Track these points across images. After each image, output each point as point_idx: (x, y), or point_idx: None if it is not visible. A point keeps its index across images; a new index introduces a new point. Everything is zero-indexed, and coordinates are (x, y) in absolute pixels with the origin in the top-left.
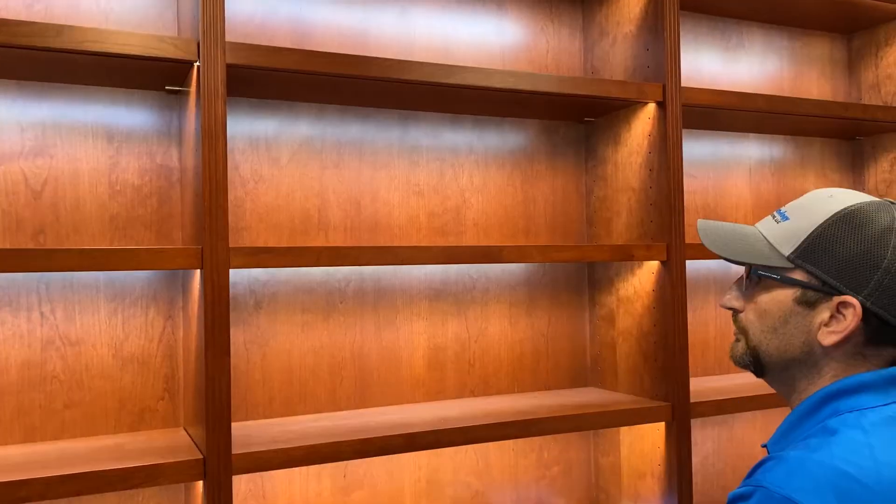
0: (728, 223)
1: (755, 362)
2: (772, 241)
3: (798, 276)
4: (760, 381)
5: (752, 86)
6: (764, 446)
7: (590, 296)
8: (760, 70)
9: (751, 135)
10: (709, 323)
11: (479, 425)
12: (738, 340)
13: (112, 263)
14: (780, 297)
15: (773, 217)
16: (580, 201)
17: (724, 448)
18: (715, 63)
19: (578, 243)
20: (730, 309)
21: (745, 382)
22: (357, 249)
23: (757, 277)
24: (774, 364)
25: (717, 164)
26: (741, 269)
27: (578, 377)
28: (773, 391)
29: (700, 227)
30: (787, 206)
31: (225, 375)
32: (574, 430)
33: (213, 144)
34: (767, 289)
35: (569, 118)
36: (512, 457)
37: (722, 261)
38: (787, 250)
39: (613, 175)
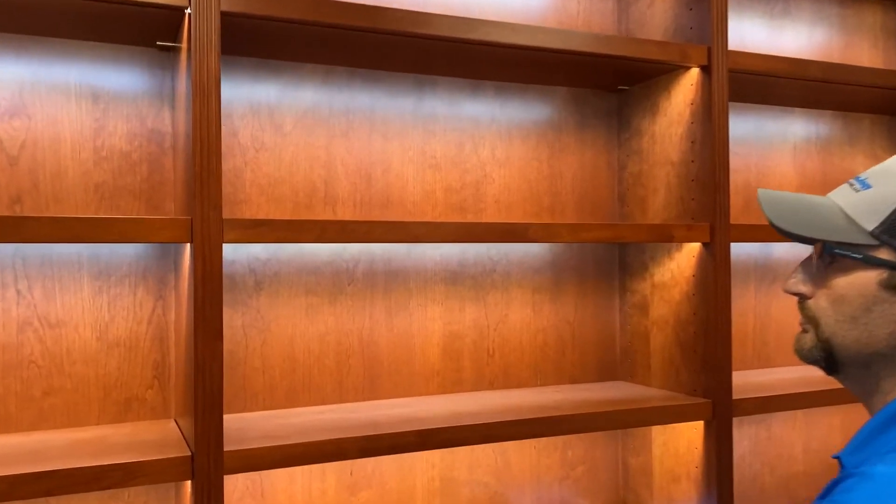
0: (794, 193)
1: (827, 357)
2: (851, 213)
3: (884, 254)
4: (806, 376)
5: (799, 56)
6: (836, 458)
7: (620, 281)
8: (807, 39)
9: (796, 109)
10: (748, 312)
11: (499, 422)
12: (805, 331)
13: (87, 234)
14: (862, 281)
15: (851, 185)
16: (611, 177)
17: (762, 448)
18: (759, 31)
19: (612, 222)
20: (795, 294)
21: (789, 378)
22: (366, 224)
23: (831, 257)
24: (852, 360)
25: (760, 140)
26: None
27: (606, 370)
28: (827, 387)
29: (762, 197)
30: (866, 172)
31: (217, 362)
32: (605, 428)
33: (206, 101)
34: (845, 270)
35: (600, 86)
36: (533, 455)
37: (763, 244)
38: (870, 224)
39: (650, 148)
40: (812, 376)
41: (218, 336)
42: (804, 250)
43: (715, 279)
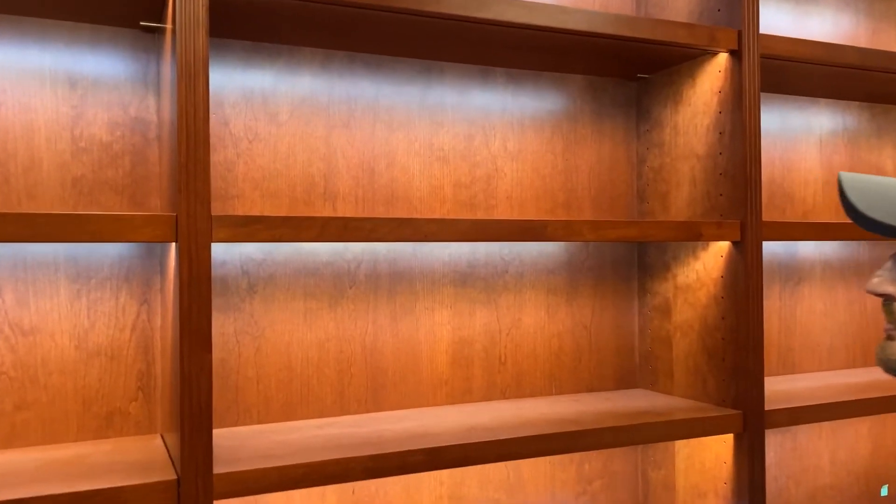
0: (881, 177)
1: None
2: None
3: None
4: (835, 383)
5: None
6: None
7: (639, 282)
8: (833, 26)
9: (821, 100)
10: (772, 315)
11: (515, 439)
12: (892, 338)
13: (55, 233)
14: None
15: None
16: (630, 171)
17: (787, 460)
18: (783, 18)
19: (630, 219)
20: (881, 296)
21: (817, 386)
22: (371, 221)
23: None
24: None
25: (785, 133)
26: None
27: (625, 377)
28: (861, 396)
29: (846, 183)
30: None
31: (205, 375)
32: (631, 443)
33: (192, 85)
34: None
35: (618, 74)
36: (548, 469)
37: (788, 242)
38: None
39: (672, 140)
40: (841, 383)
41: (206, 347)
42: (831, 249)
43: (746, 281)
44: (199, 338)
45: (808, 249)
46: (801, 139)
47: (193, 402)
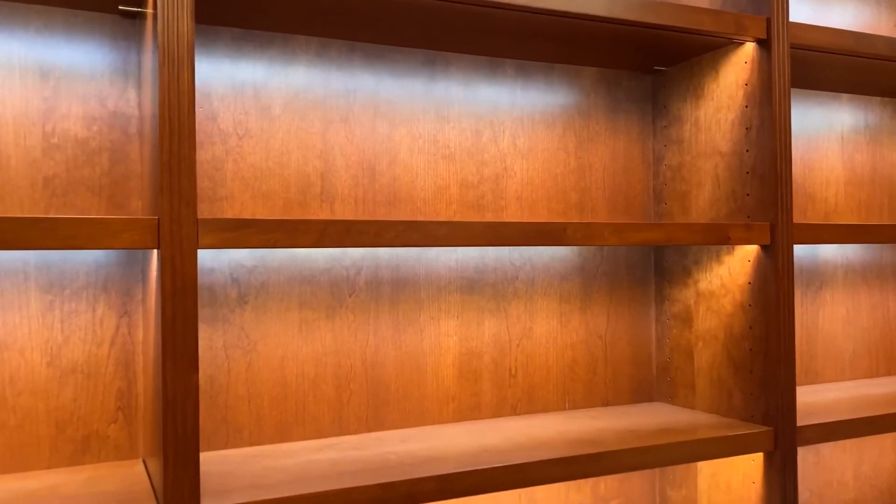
0: None
1: None
2: None
3: None
4: (860, 394)
5: None
6: None
7: (657, 288)
8: (854, 17)
9: (843, 95)
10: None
11: (532, 463)
12: None
13: (20, 240)
14: None
15: None
16: (646, 170)
17: (810, 474)
18: (802, 8)
19: (647, 221)
20: None
21: (844, 397)
22: (375, 224)
23: None
24: None
25: (805, 129)
26: None
27: (641, 390)
28: (890, 410)
29: None
30: None
31: (191, 399)
32: (656, 465)
33: (176, 73)
34: None
35: (633, 67)
36: (562, 489)
37: (808, 245)
38: None
39: (693, 137)
40: (868, 395)
41: (192, 366)
42: (853, 251)
43: (776, 287)
44: (184, 356)
45: (829, 253)
46: (822, 136)
47: (178, 429)
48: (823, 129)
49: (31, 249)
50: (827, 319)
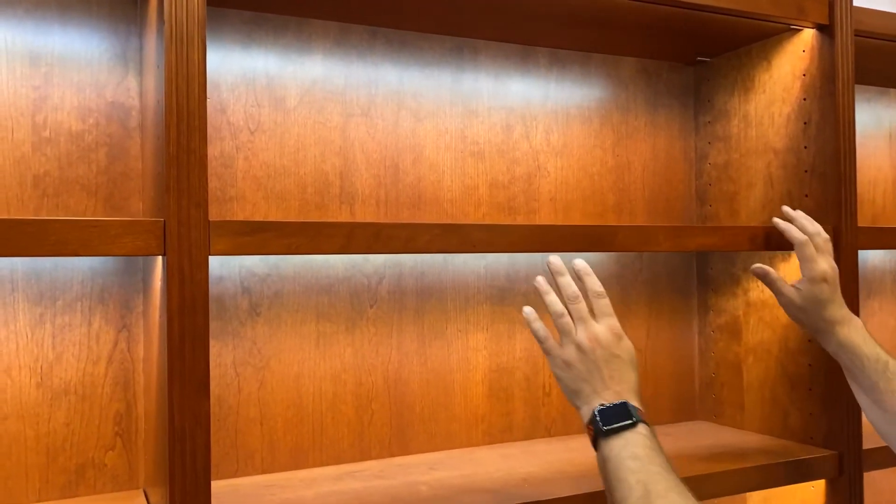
0: None
1: None
2: None
3: None
4: None
5: None
6: None
7: (700, 298)
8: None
9: (891, 91)
10: None
11: (582, 495)
12: None
13: (13, 244)
14: None
15: None
16: (688, 169)
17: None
18: None
19: (688, 224)
20: None
21: None
22: (408, 228)
23: None
24: None
25: None
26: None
27: (683, 408)
28: None
29: None
30: None
31: (202, 428)
32: (711, 496)
33: (185, 54)
34: None
35: (674, 57)
36: None
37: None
38: None
39: (742, 133)
40: None
41: (203, 391)
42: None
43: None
44: (193, 380)
45: (876, 259)
46: (869, 134)
47: (187, 462)
48: (871, 127)
49: (17, 256)
50: (875, 330)
